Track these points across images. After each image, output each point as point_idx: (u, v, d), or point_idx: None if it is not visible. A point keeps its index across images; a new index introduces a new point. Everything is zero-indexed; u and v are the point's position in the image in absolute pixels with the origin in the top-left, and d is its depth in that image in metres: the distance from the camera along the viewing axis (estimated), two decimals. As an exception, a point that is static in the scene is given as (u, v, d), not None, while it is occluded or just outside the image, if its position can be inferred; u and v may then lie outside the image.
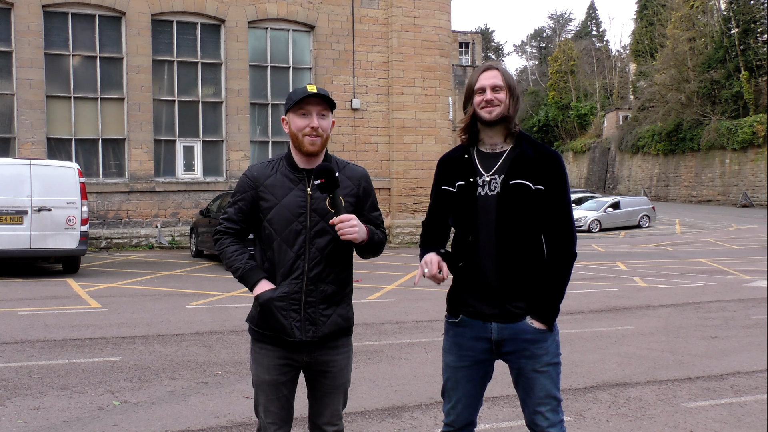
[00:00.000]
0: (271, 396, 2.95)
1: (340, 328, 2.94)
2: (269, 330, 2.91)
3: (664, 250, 20.84)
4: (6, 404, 5.21)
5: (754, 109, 42.52)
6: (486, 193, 2.91)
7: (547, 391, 2.93)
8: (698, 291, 11.93)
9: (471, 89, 2.97)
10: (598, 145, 60.91)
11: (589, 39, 79.62)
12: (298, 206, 2.87)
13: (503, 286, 2.88)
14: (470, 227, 2.92)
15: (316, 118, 2.86)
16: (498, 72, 2.95)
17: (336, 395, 3.00)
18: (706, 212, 37.43)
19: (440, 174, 3.05)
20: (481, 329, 2.94)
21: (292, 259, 2.86)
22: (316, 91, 2.84)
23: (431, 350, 7.13)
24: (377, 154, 20.67)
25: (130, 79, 18.45)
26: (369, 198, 3.01)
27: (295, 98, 2.86)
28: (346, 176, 2.95)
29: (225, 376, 6.04)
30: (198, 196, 19.05)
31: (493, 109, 2.90)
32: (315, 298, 2.88)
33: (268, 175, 2.93)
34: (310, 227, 2.86)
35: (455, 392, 3.02)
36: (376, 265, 14.38)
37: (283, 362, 2.93)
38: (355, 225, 2.78)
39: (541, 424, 2.92)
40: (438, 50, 21.07)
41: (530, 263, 2.90)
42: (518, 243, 2.88)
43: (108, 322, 8.47)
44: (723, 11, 46.70)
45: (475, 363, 2.98)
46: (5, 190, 12.29)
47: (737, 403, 5.44)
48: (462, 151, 3.02)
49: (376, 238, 2.95)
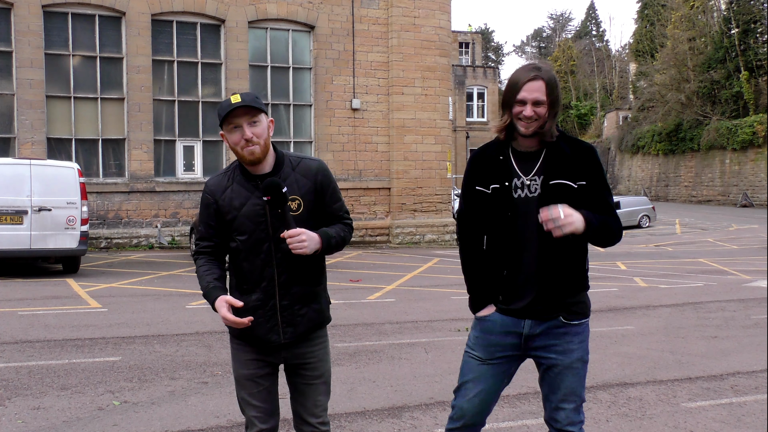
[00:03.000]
0: (252, 389, 2.97)
1: (315, 323, 2.97)
2: (246, 338, 2.95)
3: (664, 250, 20.84)
4: (6, 404, 5.21)
5: (754, 109, 42.51)
6: (526, 195, 2.86)
7: (573, 388, 2.91)
8: (698, 291, 11.93)
9: (512, 94, 2.83)
10: (598, 145, 60.86)
11: (589, 39, 79.62)
12: (257, 215, 2.86)
13: (543, 289, 2.86)
14: (509, 231, 2.87)
15: (247, 127, 2.82)
16: (543, 84, 2.79)
17: (317, 386, 3.01)
18: (706, 212, 37.42)
19: (473, 172, 2.98)
20: (513, 325, 2.93)
21: (260, 267, 2.87)
22: (240, 102, 2.80)
23: (431, 350, 7.13)
24: (377, 154, 20.67)
25: (130, 79, 18.45)
26: (328, 190, 2.97)
27: (222, 113, 2.83)
28: (302, 174, 2.92)
29: (225, 376, 6.04)
30: (198, 196, 19.02)
31: (531, 124, 2.81)
32: (289, 301, 2.90)
33: (224, 187, 2.93)
34: (272, 234, 2.86)
35: (476, 385, 2.98)
36: (376, 265, 14.41)
37: (260, 358, 2.96)
38: (304, 240, 2.76)
39: (562, 420, 2.90)
40: (438, 50, 21.07)
41: (571, 265, 2.88)
42: (560, 245, 2.83)
43: (108, 322, 8.47)
44: (723, 11, 46.69)
45: (500, 359, 2.97)
46: (5, 190, 12.28)
47: (737, 403, 5.44)
48: (497, 151, 2.94)
49: (332, 242, 2.91)
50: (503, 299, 2.94)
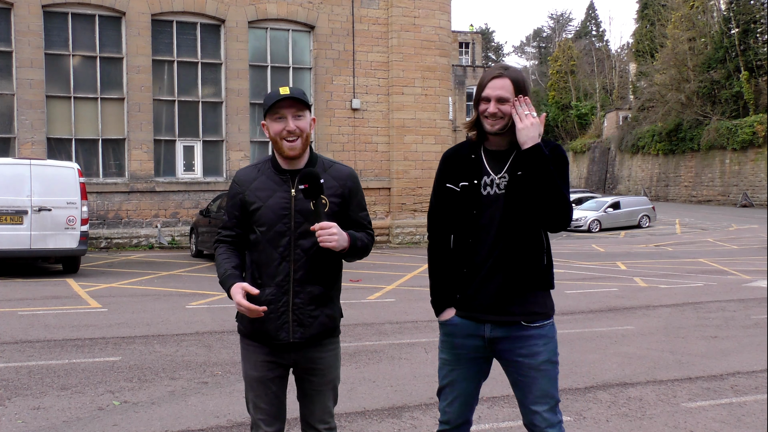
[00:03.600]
0: (259, 392, 2.96)
1: (326, 328, 2.94)
2: (255, 333, 2.93)
3: (664, 250, 20.84)
4: (6, 404, 5.21)
5: (754, 109, 42.52)
6: (495, 192, 2.87)
7: (545, 390, 2.88)
8: (698, 291, 11.93)
9: (479, 92, 2.89)
10: (598, 145, 60.92)
11: (589, 39, 79.63)
12: (282, 208, 2.87)
13: (501, 289, 2.86)
14: (471, 228, 2.89)
15: (292, 120, 2.85)
16: (508, 81, 2.84)
17: (325, 393, 3.00)
18: (706, 212, 37.43)
19: (445, 170, 3.00)
20: (474, 328, 2.92)
21: (277, 261, 2.86)
22: (289, 93, 2.84)
23: (431, 350, 7.13)
24: (377, 154, 20.67)
25: (130, 79, 18.45)
26: (355, 198, 2.99)
27: (269, 103, 2.87)
28: (332, 176, 2.94)
29: (225, 376, 6.04)
30: (198, 196, 19.05)
31: (497, 122, 2.84)
32: (302, 300, 2.88)
33: (253, 178, 2.94)
34: (294, 229, 2.86)
35: (452, 390, 3.00)
36: (376, 265, 14.41)
37: (270, 359, 2.94)
38: (335, 233, 2.76)
39: (540, 425, 2.88)
40: (438, 50, 21.07)
41: (530, 263, 2.87)
42: (520, 242, 2.84)
43: (108, 322, 8.47)
44: (723, 11, 46.70)
45: (469, 361, 2.97)
46: (5, 190, 12.29)
47: (737, 403, 5.44)
48: (469, 150, 2.96)
49: (359, 244, 2.91)
50: (461, 297, 2.93)
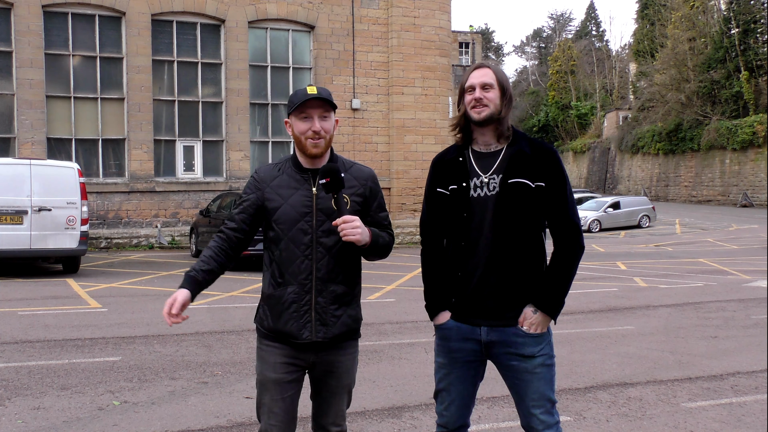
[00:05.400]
0: (275, 396, 2.90)
1: (349, 329, 2.93)
2: (277, 333, 2.90)
3: (664, 250, 20.84)
4: (6, 404, 5.21)
5: (754, 109, 42.51)
6: (485, 194, 2.87)
7: (541, 392, 2.88)
8: (698, 291, 11.92)
9: (462, 88, 2.93)
10: (598, 145, 60.90)
11: (589, 39, 79.61)
12: (304, 206, 2.86)
13: (495, 292, 2.85)
14: (463, 231, 2.89)
15: (318, 120, 2.85)
16: (489, 70, 2.89)
17: (341, 395, 2.99)
18: (706, 212, 37.42)
19: (434, 175, 3.02)
20: (469, 332, 2.92)
21: (300, 259, 2.85)
22: (317, 94, 2.83)
23: (431, 350, 7.12)
24: (377, 154, 20.67)
25: (130, 79, 18.46)
26: (375, 198, 2.99)
27: (296, 101, 2.85)
28: (353, 176, 2.94)
29: (225, 376, 6.04)
30: (198, 196, 19.05)
31: (483, 109, 2.85)
32: (326, 299, 2.86)
33: (274, 177, 2.93)
34: (316, 227, 2.85)
35: (448, 394, 2.99)
36: (376, 265, 14.38)
37: (289, 361, 2.90)
38: (358, 226, 2.74)
39: (537, 426, 2.88)
40: (438, 50, 21.08)
41: (525, 266, 2.86)
42: (514, 244, 2.83)
43: (108, 322, 8.47)
44: (723, 11, 46.69)
45: (465, 364, 2.96)
46: (5, 190, 12.29)
47: (737, 403, 5.44)
48: (456, 153, 2.97)
49: (380, 241, 2.91)
50: (456, 302, 2.93)
